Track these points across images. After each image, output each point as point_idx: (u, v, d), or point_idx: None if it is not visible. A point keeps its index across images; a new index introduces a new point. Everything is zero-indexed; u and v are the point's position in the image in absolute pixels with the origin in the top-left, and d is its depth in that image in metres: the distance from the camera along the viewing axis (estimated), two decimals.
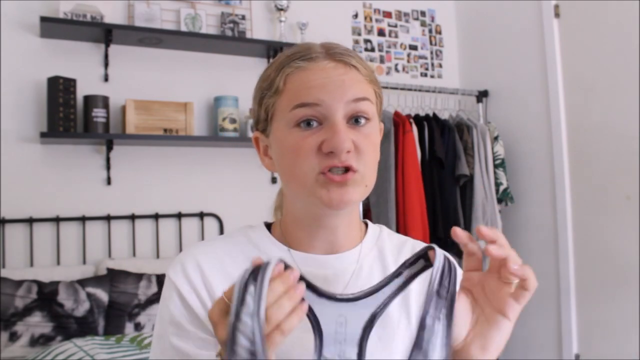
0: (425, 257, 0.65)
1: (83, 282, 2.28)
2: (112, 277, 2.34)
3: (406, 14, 3.56)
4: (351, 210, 0.78)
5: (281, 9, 3.00)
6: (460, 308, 0.64)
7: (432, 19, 3.65)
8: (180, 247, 2.77)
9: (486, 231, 0.61)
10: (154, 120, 2.63)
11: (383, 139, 0.91)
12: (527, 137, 3.23)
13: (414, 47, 3.56)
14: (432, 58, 3.62)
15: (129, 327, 2.26)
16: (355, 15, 3.39)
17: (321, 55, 0.74)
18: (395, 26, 3.52)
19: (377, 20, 3.46)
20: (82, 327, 2.17)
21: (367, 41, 3.40)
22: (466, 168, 3.06)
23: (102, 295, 2.27)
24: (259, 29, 3.05)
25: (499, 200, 3.19)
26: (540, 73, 3.12)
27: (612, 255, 2.75)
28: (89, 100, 2.49)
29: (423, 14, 3.62)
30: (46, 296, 2.17)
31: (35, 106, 2.53)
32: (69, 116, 2.43)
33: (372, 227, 0.87)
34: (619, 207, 2.71)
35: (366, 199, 2.89)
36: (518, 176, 3.28)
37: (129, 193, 2.70)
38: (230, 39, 2.85)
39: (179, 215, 2.78)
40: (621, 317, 2.69)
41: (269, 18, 3.10)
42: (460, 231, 0.62)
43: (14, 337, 2.09)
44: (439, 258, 0.62)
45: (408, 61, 3.53)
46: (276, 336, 0.54)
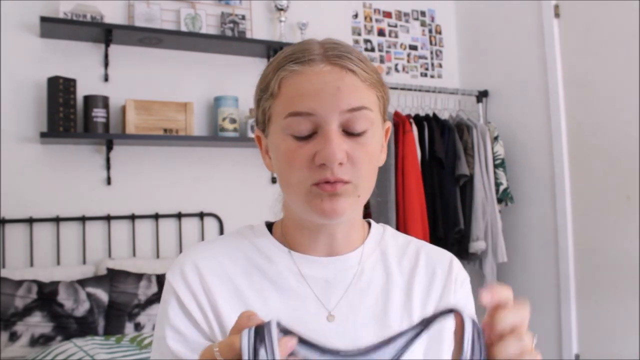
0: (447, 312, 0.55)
1: (83, 282, 2.28)
2: (112, 277, 2.34)
3: (406, 14, 3.56)
4: (354, 215, 0.77)
5: (281, 9, 3.00)
6: None
7: (432, 19, 3.65)
8: (180, 247, 2.77)
9: (492, 297, 0.52)
10: (154, 120, 2.63)
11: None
12: (527, 137, 3.22)
13: (414, 47, 3.56)
14: (432, 58, 3.62)
15: (129, 327, 2.26)
16: (355, 15, 3.39)
17: (318, 57, 0.70)
18: (395, 26, 3.52)
19: (377, 20, 3.46)
20: (82, 327, 2.17)
21: (367, 41, 3.40)
22: (466, 168, 3.06)
23: (102, 295, 2.27)
24: (259, 29, 3.05)
25: (499, 200, 3.19)
26: (540, 73, 3.12)
27: (612, 255, 2.75)
28: (89, 100, 2.49)
29: (423, 14, 3.62)
30: (46, 296, 2.17)
31: (35, 106, 2.53)
32: (69, 116, 2.43)
33: (375, 228, 0.85)
34: (619, 207, 2.71)
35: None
36: (518, 176, 3.28)
37: (129, 193, 2.70)
38: (230, 39, 2.85)
39: (179, 215, 2.78)
40: (621, 317, 2.69)
41: (269, 18, 3.10)
42: (490, 296, 0.53)
43: (14, 337, 2.09)
44: (468, 327, 0.52)
45: (408, 61, 3.53)
46: None
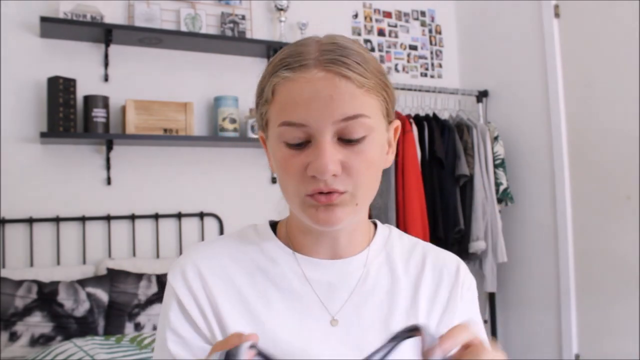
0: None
1: (83, 282, 2.28)
2: (112, 277, 2.34)
3: (406, 14, 3.56)
4: (356, 218, 0.75)
5: (281, 9, 3.00)
6: None
7: (432, 19, 3.65)
8: (180, 247, 2.77)
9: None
10: (154, 120, 2.63)
11: None
12: (527, 137, 3.22)
13: (414, 47, 3.56)
14: (432, 58, 3.62)
15: (129, 327, 2.25)
16: (355, 15, 3.39)
17: (311, 62, 0.67)
18: (395, 26, 3.52)
19: (377, 20, 3.46)
20: (82, 327, 2.17)
21: (367, 41, 3.40)
22: (466, 168, 3.06)
23: (102, 295, 2.27)
24: (259, 29, 3.05)
25: (499, 200, 3.19)
26: (540, 73, 3.12)
27: (612, 255, 2.75)
28: (89, 100, 2.49)
29: (423, 14, 3.62)
30: (46, 296, 2.17)
31: (35, 106, 2.53)
32: (69, 116, 2.43)
33: (381, 229, 0.84)
34: (619, 207, 2.71)
35: None
36: (518, 176, 3.28)
37: (129, 193, 2.70)
38: (230, 39, 2.85)
39: (179, 215, 2.78)
40: (621, 317, 2.69)
41: (269, 18, 3.10)
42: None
43: (14, 337, 2.09)
44: (429, 343, 0.54)
45: (408, 61, 3.53)
46: None
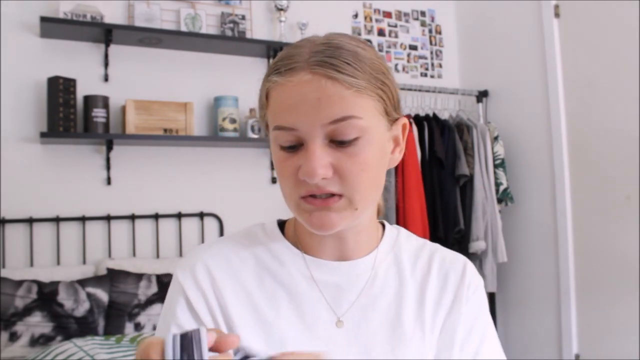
0: None
1: (83, 282, 2.28)
2: (112, 277, 2.34)
3: (406, 14, 3.56)
4: (358, 221, 0.74)
5: (281, 9, 3.00)
6: None
7: (432, 19, 3.65)
8: (180, 247, 2.77)
9: None
10: (154, 120, 2.63)
11: None
12: (527, 137, 3.22)
13: (414, 47, 3.56)
14: (432, 58, 3.62)
15: (129, 327, 2.26)
16: (355, 15, 3.39)
17: (299, 65, 0.67)
18: (395, 26, 3.52)
19: (377, 20, 3.46)
20: (82, 327, 2.17)
21: (367, 41, 3.40)
22: (466, 168, 3.06)
23: (102, 295, 2.27)
24: (259, 29, 3.05)
25: (499, 200, 3.19)
26: (540, 73, 3.12)
27: (612, 255, 2.75)
28: (89, 100, 2.49)
29: (423, 14, 3.62)
30: (46, 296, 2.17)
31: (35, 106, 2.53)
32: (69, 116, 2.43)
33: (390, 230, 0.83)
34: (619, 207, 2.71)
35: None
36: (518, 176, 3.28)
37: (129, 193, 2.70)
38: (230, 39, 2.85)
39: (179, 215, 2.78)
40: (621, 317, 2.69)
41: (269, 18, 3.10)
42: None
43: (14, 337, 2.09)
44: None
45: (408, 61, 3.53)
46: None
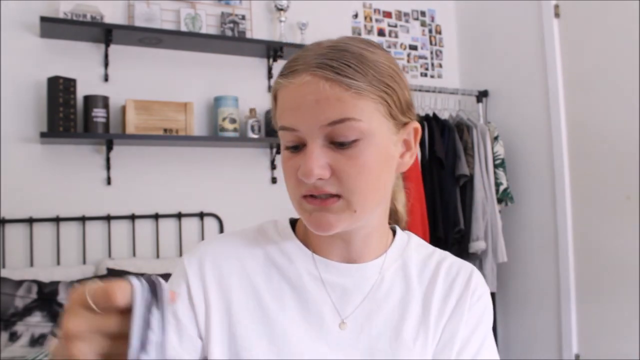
0: None
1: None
2: (113, 277, 2.34)
3: (406, 14, 3.56)
4: (365, 225, 0.74)
5: (281, 9, 3.00)
6: None
7: (432, 19, 3.65)
8: (180, 247, 2.77)
9: None
10: (154, 120, 2.63)
11: None
12: (527, 137, 3.22)
13: (414, 47, 3.56)
14: (432, 58, 3.62)
15: None
16: (355, 15, 3.39)
17: (302, 67, 0.68)
18: (395, 26, 3.52)
19: (377, 20, 3.46)
20: None
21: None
22: (466, 168, 3.06)
23: None
24: (259, 29, 3.05)
25: (499, 200, 3.19)
26: (540, 73, 3.12)
27: (612, 255, 2.75)
28: (89, 100, 2.49)
29: (423, 14, 3.62)
30: (46, 296, 2.17)
31: (35, 106, 2.53)
32: (69, 116, 2.43)
33: (400, 236, 0.83)
34: (619, 207, 2.71)
35: None
36: (518, 176, 3.28)
37: (129, 193, 2.70)
38: (230, 39, 2.85)
39: (179, 215, 2.78)
40: (621, 317, 2.69)
41: (269, 18, 3.10)
42: None
43: (14, 337, 2.09)
44: None
45: (408, 61, 3.53)
46: None
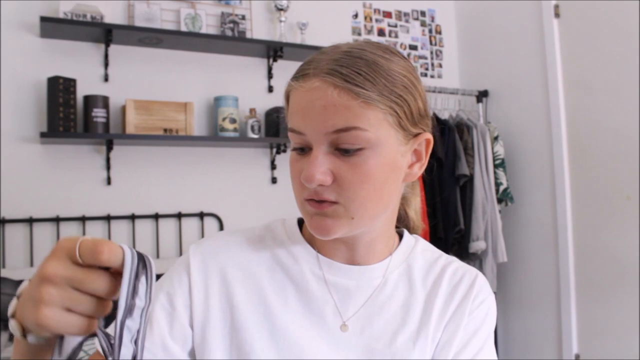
0: None
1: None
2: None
3: (406, 14, 3.56)
4: (369, 231, 0.75)
5: (281, 9, 3.00)
6: None
7: (432, 19, 3.65)
8: (180, 247, 2.77)
9: None
10: (154, 120, 2.63)
11: None
12: (527, 137, 3.22)
13: (414, 47, 3.56)
14: (432, 58, 3.62)
15: None
16: (355, 15, 3.39)
17: (313, 72, 0.68)
18: (395, 26, 3.52)
19: (377, 20, 3.46)
20: None
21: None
22: (466, 168, 3.06)
23: None
24: (259, 29, 3.05)
25: (499, 200, 3.19)
26: (540, 73, 3.12)
27: (612, 255, 2.75)
28: (89, 100, 2.49)
29: (423, 14, 3.62)
30: None
31: (35, 106, 2.53)
32: (69, 116, 2.43)
33: (407, 239, 0.84)
34: (619, 207, 2.71)
35: None
36: (518, 176, 3.28)
37: (129, 193, 2.70)
38: (230, 39, 2.85)
39: (179, 215, 2.78)
40: (621, 317, 2.69)
41: (269, 18, 3.10)
42: None
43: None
44: None
45: None
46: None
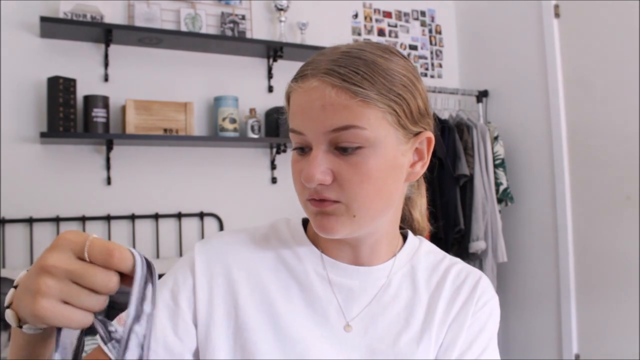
0: None
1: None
2: None
3: (406, 14, 3.56)
4: (373, 232, 0.75)
5: (281, 9, 3.00)
6: None
7: (432, 19, 3.65)
8: (180, 247, 2.77)
9: None
10: (154, 120, 2.63)
11: None
12: (527, 137, 3.22)
13: (414, 47, 3.56)
14: (432, 58, 3.62)
15: None
16: (355, 16, 3.39)
17: (311, 72, 0.69)
18: (395, 26, 3.52)
19: (377, 20, 3.46)
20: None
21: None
22: (466, 168, 3.06)
23: None
24: (259, 29, 3.05)
25: (499, 200, 3.19)
26: (540, 73, 3.12)
27: (612, 255, 2.75)
28: (89, 100, 2.49)
29: (423, 14, 3.62)
30: None
31: (35, 106, 2.53)
32: (69, 116, 2.43)
33: (411, 241, 0.84)
34: (619, 207, 2.71)
35: None
36: (518, 176, 3.28)
37: (129, 193, 2.70)
38: (230, 39, 2.85)
39: (179, 215, 2.78)
40: (621, 317, 2.69)
41: (269, 18, 3.10)
42: None
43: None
44: None
45: None
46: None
